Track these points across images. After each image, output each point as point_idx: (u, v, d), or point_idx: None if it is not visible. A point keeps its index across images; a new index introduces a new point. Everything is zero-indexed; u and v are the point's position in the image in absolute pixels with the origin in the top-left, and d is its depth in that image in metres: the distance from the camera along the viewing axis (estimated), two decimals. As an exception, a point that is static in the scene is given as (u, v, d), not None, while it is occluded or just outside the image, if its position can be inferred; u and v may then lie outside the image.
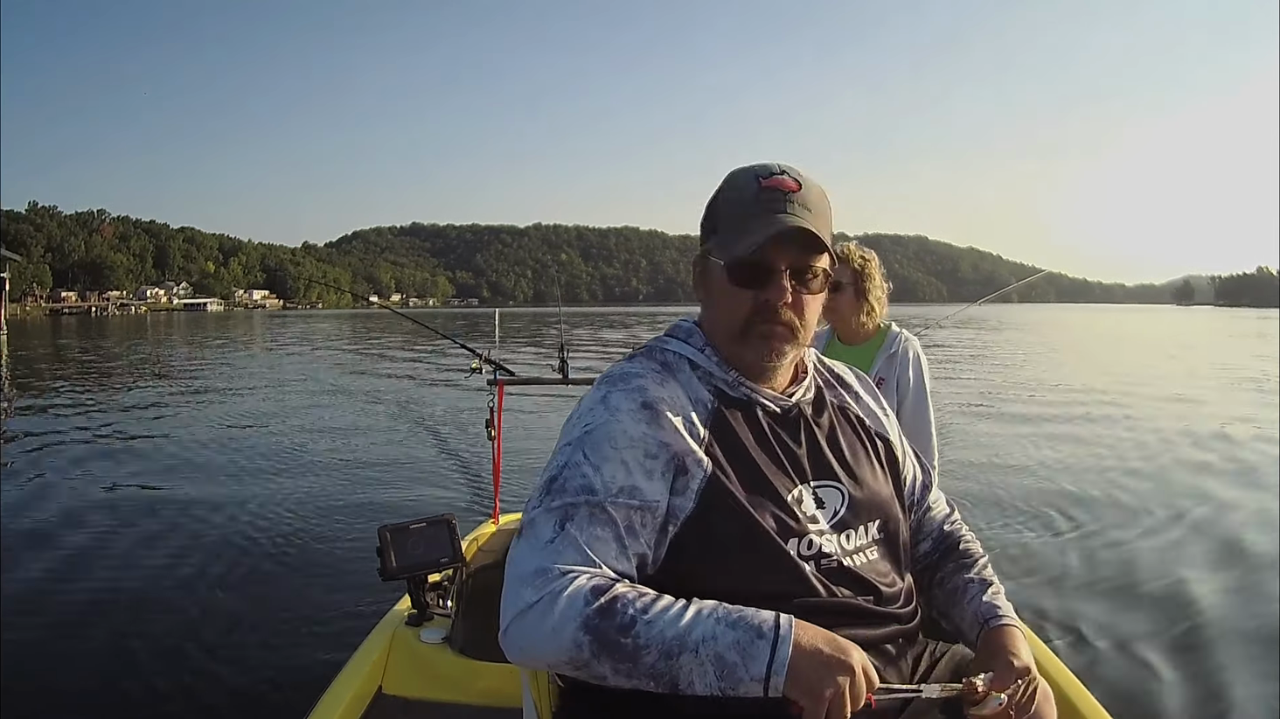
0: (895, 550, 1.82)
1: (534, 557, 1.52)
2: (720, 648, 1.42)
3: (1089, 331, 60.69)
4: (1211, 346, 39.71)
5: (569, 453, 1.63)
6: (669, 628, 1.43)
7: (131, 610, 5.53)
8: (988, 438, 12.44)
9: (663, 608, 1.46)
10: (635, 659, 1.42)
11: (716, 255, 1.74)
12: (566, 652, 1.44)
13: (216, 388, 21.26)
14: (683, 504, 1.63)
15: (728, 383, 1.78)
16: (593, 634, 1.43)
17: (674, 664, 1.42)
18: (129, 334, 61.81)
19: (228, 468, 10.45)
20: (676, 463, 1.63)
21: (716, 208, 1.78)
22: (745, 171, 1.76)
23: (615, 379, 1.74)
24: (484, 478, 8.88)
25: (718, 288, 1.76)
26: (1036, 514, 7.86)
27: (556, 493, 1.58)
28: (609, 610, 1.44)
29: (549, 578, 1.48)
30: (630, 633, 1.42)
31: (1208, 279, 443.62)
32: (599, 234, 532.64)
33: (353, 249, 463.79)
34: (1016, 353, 33.98)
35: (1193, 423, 13.86)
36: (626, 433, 1.63)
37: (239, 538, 7.16)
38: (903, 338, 3.83)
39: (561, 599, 1.45)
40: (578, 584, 1.47)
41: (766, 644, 1.41)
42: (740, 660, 1.41)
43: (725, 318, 1.76)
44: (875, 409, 2.01)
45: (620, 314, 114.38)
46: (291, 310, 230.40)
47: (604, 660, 1.43)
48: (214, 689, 4.44)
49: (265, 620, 5.28)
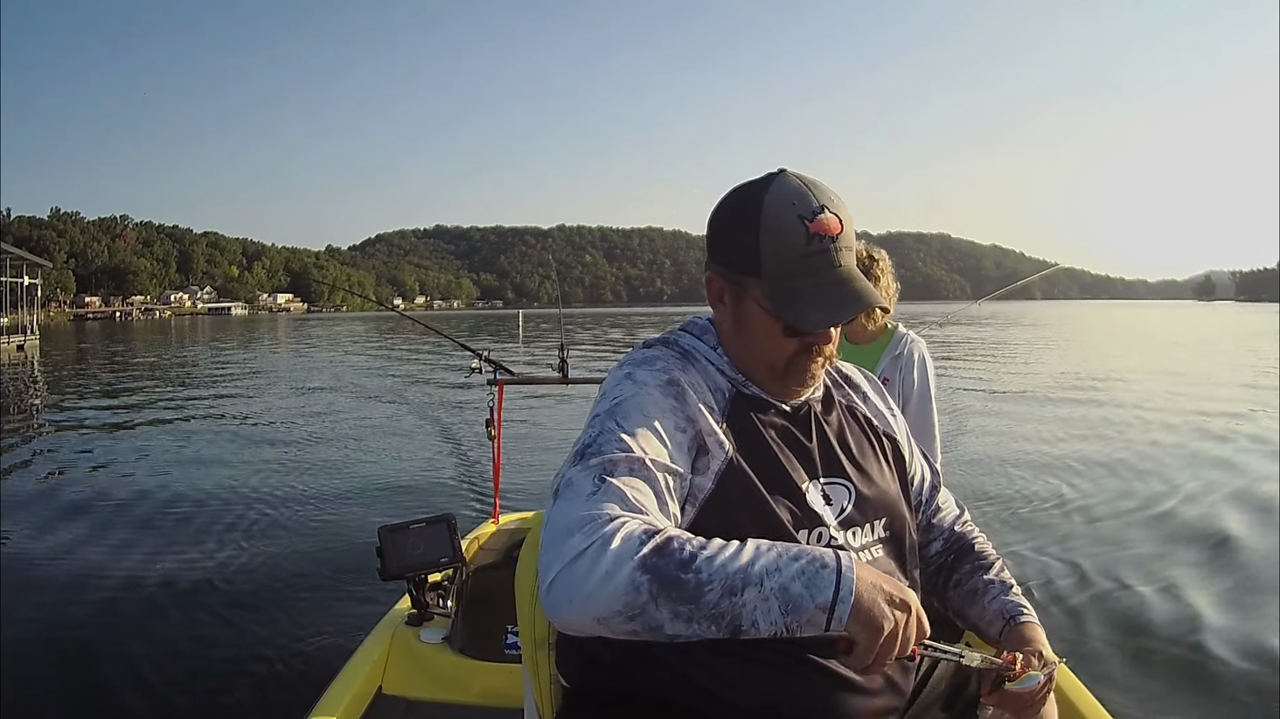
0: (901, 549, 1.82)
1: (577, 508, 1.46)
2: (785, 579, 1.38)
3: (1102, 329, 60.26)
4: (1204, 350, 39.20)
5: (600, 423, 1.60)
6: (731, 562, 1.38)
7: (131, 610, 5.57)
8: (994, 434, 12.48)
9: (720, 545, 1.42)
10: (698, 598, 1.36)
11: (771, 309, 1.68)
12: (623, 596, 1.36)
13: (231, 391, 21.55)
14: (702, 484, 1.62)
15: (738, 382, 1.78)
16: (651, 573, 1.36)
17: (737, 601, 1.37)
18: (154, 338, 62.39)
19: (229, 468, 10.54)
20: (699, 440, 1.63)
21: (758, 248, 1.67)
22: (784, 207, 1.65)
23: (639, 361, 1.73)
24: (484, 478, 8.90)
25: (759, 329, 1.72)
26: (1036, 513, 7.85)
27: (592, 454, 1.54)
28: (665, 548, 1.39)
29: (598, 523, 1.41)
30: (691, 568, 1.37)
31: (1229, 274, 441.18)
32: (623, 235, 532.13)
33: (376, 252, 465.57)
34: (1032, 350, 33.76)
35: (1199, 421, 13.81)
36: (657, 403, 1.63)
37: (239, 537, 7.22)
38: (908, 339, 3.80)
39: (615, 540, 1.39)
40: (630, 526, 1.41)
41: (831, 573, 1.39)
42: (806, 591, 1.37)
43: (766, 356, 1.74)
44: (883, 409, 2.01)
45: (644, 314, 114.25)
46: (315, 314, 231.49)
47: (663, 603, 1.36)
48: (214, 689, 4.45)
49: (265, 620, 5.30)
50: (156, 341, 55.82)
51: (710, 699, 1.59)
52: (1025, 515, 7.76)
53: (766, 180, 1.69)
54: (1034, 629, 1.77)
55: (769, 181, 1.68)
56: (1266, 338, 41.44)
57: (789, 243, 1.64)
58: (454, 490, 8.97)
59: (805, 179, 1.68)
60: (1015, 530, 7.26)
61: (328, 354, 37.13)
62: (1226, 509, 7.97)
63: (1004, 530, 7.19)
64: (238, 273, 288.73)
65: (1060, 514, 7.84)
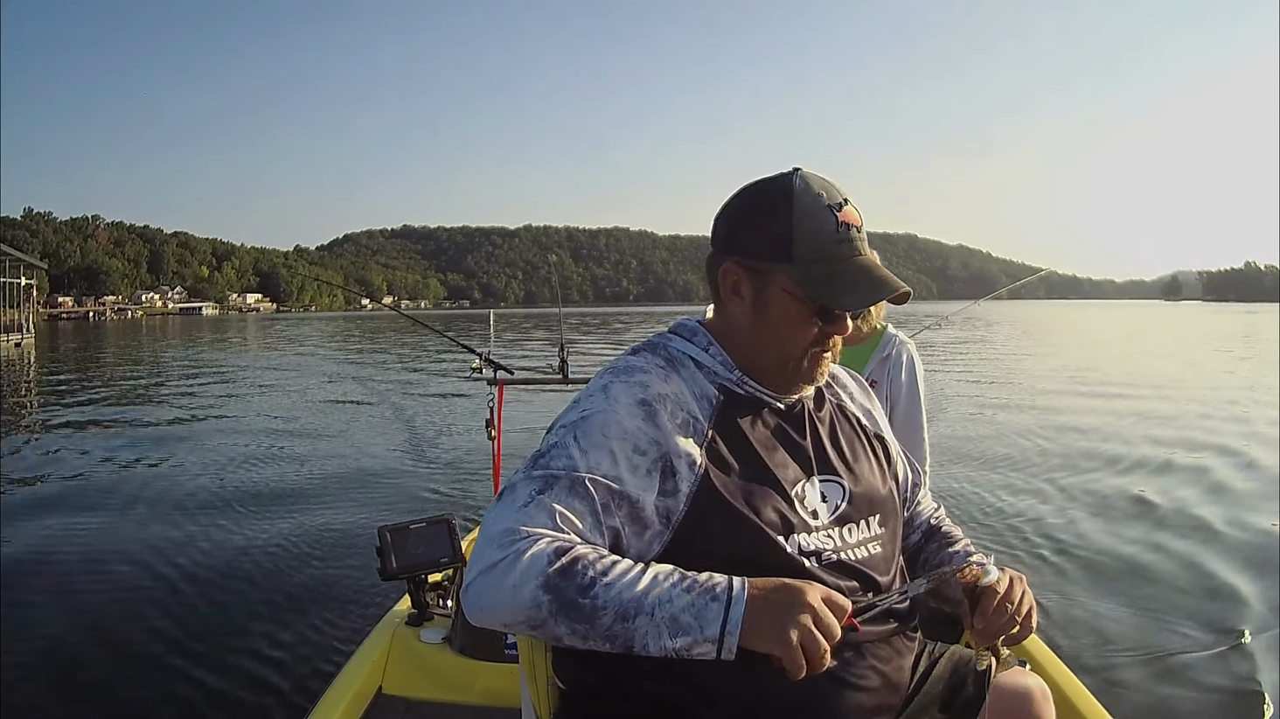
0: (893, 545, 1.82)
1: (505, 518, 1.52)
2: (675, 610, 1.42)
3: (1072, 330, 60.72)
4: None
5: (561, 434, 1.62)
6: (626, 590, 1.43)
7: (130, 610, 5.48)
8: (981, 435, 12.42)
9: (621, 571, 1.46)
10: (593, 620, 1.43)
11: (804, 293, 1.68)
12: (525, 610, 1.44)
13: (219, 392, 21.28)
14: (674, 506, 1.61)
15: (733, 381, 1.77)
16: (552, 594, 1.43)
17: (629, 626, 1.43)
18: (131, 338, 61.91)
19: (228, 468, 10.41)
20: (665, 462, 1.61)
21: (791, 234, 1.67)
22: (812, 198, 1.67)
23: (619, 371, 1.73)
24: (484, 478, 8.80)
25: (783, 316, 1.71)
26: (1034, 513, 7.84)
27: (540, 465, 1.58)
28: (569, 571, 1.44)
29: (515, 537, 1.48)
30: (589, 593, 1.43)
31: (1196, 274, 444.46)
32: (589, 235, 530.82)
33: (344, 252, 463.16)
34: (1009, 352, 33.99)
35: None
36: (620, 424, 1.62)
37: (239, 538, 7.11)
38: (897, 340, 3.74)
39: (524, 558, 1.45)
40: (541, 545, 1.47)
41: (720, 606, 1.42)
42: (694, 622, 1.42)
43: (785, 345, 1.73)
44: (870, 408, 2.03)
45: (613, 314, 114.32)
46: (285, 314, 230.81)
47: (561, 620, 1.44)
48: (214, 689, 4.39)
49: (265, 620, 5.23)
50: (140, 342, 55.22)
51: (705, 699, 1.58)
52: (1008, 516, 7.74)
53: (789, 175, 1.71)
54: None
55: (792, 176, 1.70)
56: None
57: (822, 229, 1.67)
58: (454, 490, 8.91)
59: (822, 177, 1.71)
60: (1001, 527, 7.30)
61: (314, 355, 36.78)
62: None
63: (987, 528, 7.22)
64: (208, 273, 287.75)
65: (1054, 512, 7.86)
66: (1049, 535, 7.09)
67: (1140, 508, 8.14)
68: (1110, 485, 9.08)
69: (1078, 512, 7.92)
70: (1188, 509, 7.99)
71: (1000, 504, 8.14)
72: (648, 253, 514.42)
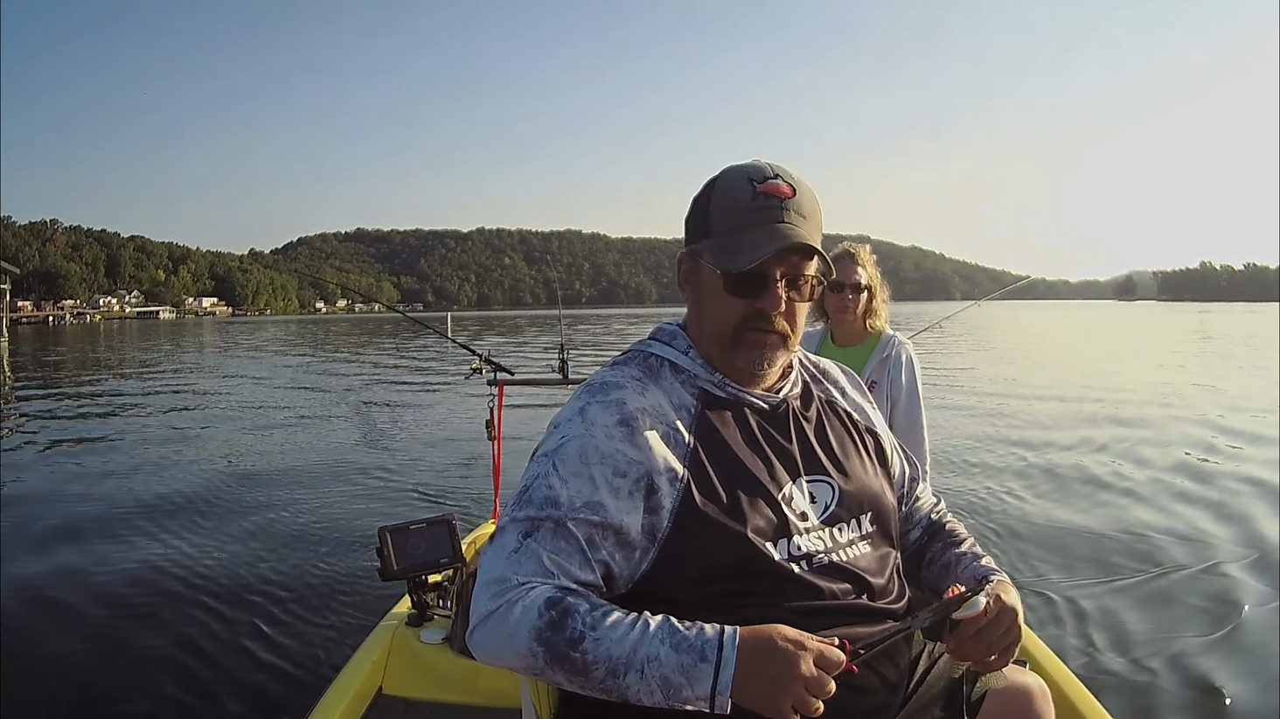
0: (887, 544, 1.80)
1: (497, 565, 1.53)
2: (665, 670, 1.41)
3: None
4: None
5: (543, 464, 1.61)
6: (615, 647, 1.43)
7: (130, 611, 5.41)
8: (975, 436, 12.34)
9: (611, 624, 1.46)
10: (585, 674, 1.44)
11: (711, 261, 1.69)
12: (522, 659, 1.47)
13: (216, 389, 21.29)
14: (657, 523, 1.59)
15: (714, 384, 1.74)
16: (545, 646, 1.44)
17: (620, 683, 1.43)
18: (96, 341, 60.98)
19: (227, 469, 10.28)
20: (647, 481, 1.59)
21: (709, 210, 1.70)
22: (737, 173, 1.69)
23: (595, 389, 1.70)
24: (484, 478, 8.72)
25: (709, 293, 1.72)
26: (1033, 512, 7.81)
27: (525, 504, 1.57)
28: (560, 624, 1.45)
29: (506, 587, 1.49)
30: (579, 648, 1.43)
31: (1151, 274, 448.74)
32: (542, 237, 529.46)
33: (299, 255, 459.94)
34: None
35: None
36: (599, 449, 1.60)
37: (238, 538, 7.02)
38: (896, 341, 3.73)
39: (516, 609, 1.47)
40: (533, 595, 1.48)
41: (709, 668, 1.41)
42: (685, 682, 1.41)
43: (715, 323, 1.72)
44: (862, 403, 2.00)
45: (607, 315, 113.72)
46: (241, 318, 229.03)
47: (557, 671, 1.46)
48: (214, 689, 4.33)
49: (266, 620, 5.16)
50: (111, 345, 54.49)
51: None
52: (1007, 515, 7.68)
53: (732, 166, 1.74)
54: (1005, 587, 1.71)
55: (732, 166, 1.73)
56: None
57: (735, 199, 1.67)
58: (454, 491, 8.82)
59: (766, 163, 1.71)
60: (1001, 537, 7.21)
61: (294, 359, 36.38)
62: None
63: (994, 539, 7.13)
64: (164, 277, 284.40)
65: (1052, 512, 7.82)
66: (1030, 526, 7.18)
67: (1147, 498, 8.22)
68: (1101, 480, 9.13)
69: (1077, 508, 7.95)
70: (1187, 507, 7.99)
71: (989, 502, 8.17)
72: (600, 255, 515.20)
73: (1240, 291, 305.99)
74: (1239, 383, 19.67)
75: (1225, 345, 36.10)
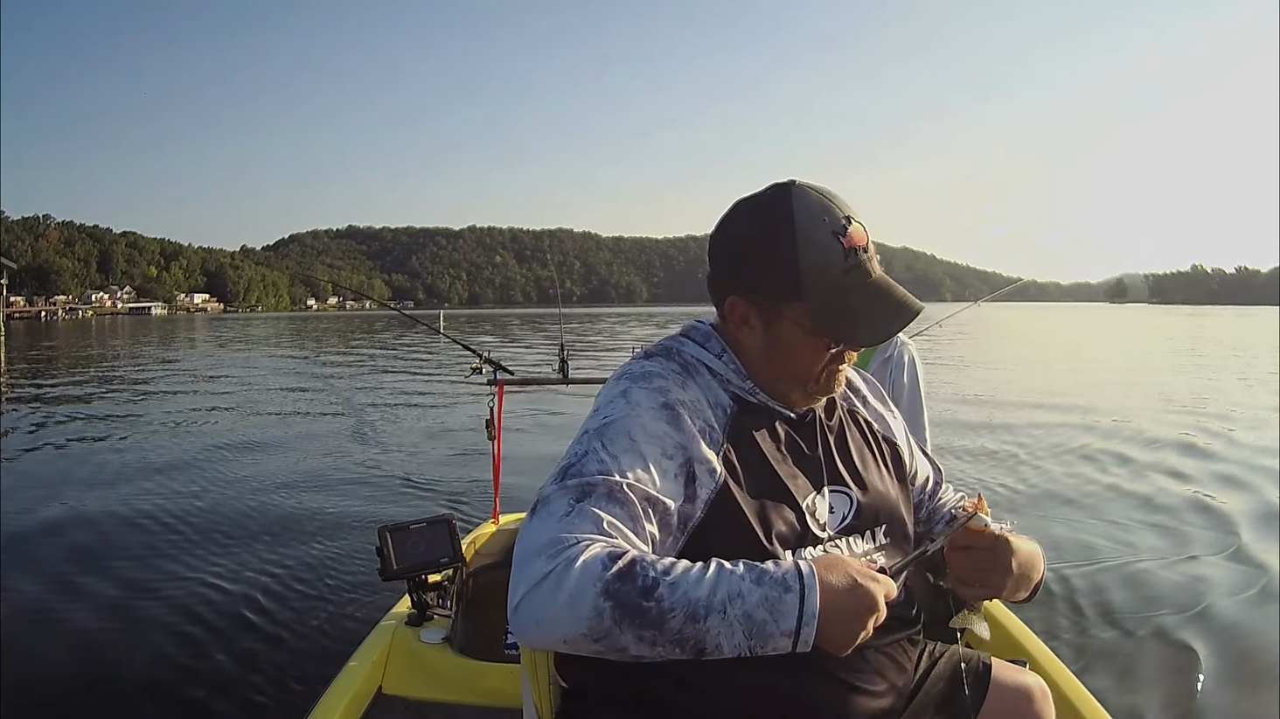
0: (899, 554, 1.77)
1: (548, 528, 1.40)
2: (749, 606, 1.34)
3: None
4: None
5: (587, 442, 1.53)
6: (694, 588, 1.33)
7: (129, 611, 5.40)
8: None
9: (684, 569, 1.36)
10: (661, 624, 1.31)
11: (813, 329, 1.62)
12: (586, 621, 1.31)
13: (202, 394, 20.92)
14: (691, 512, 1.55)
15: (745, 390, 1.71)
16: (614, 600, 1.31)
17: (700, 628, 1.32)
18: (89, 338, 60.92)
19: (226, 469, 10.24)
20: (690, 468, 1.55)
21: (798, 269, 1.60)
22: (814, 220, 1.59)
23: (636, 376, 1.65)
24: (484, 478, 8.71)
25: (791, 345, 1.65)
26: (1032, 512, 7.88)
27: (573, 475, 1.48)
28: (628, 574, 1.33)
29: (563, 546, 1.36)
30: (653, 596, 1.32)
31: (1142, 277, 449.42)
32: (533, 236, 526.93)
33: (290, 252, 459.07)
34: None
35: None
36: (645, 428, 1.54)
37: (238, 539, 6.98)
38: (898, 342, 3.67)
39: (577, 565, 1.33)
40: (594, 550, 1.35)
41: (795, 598, 1.35)
42: (770, 617, 1.34)
43: (798, 370, 1.68)
44: (883, 412, 1.98)
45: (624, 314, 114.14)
46: (232, 314, 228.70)
47: (626, 629, 1.32)
48: (214, 690, 4.32)
49: (265, 620, 5.16)
50: (102, 340, 54.60)
51: (709, 700, 1.54)
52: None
53: (786, 195, 1.62)
54: (1022, 538, 1.68)
55: (789, 197, 1.61)
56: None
57: (830, 262, 1.59)
58: (454, 490, 8.78)
59: (821, 190, 1.63)
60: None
61: (289, 358, 36.34)
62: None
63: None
64: (156, 273, 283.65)
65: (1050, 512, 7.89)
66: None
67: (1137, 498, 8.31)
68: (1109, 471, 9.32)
69: (1074, 508, 8.01)
70: (1185, 505, 8.09)
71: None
72: (591, 254, 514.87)
73: (1231, 295, 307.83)
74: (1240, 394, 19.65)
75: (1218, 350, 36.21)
